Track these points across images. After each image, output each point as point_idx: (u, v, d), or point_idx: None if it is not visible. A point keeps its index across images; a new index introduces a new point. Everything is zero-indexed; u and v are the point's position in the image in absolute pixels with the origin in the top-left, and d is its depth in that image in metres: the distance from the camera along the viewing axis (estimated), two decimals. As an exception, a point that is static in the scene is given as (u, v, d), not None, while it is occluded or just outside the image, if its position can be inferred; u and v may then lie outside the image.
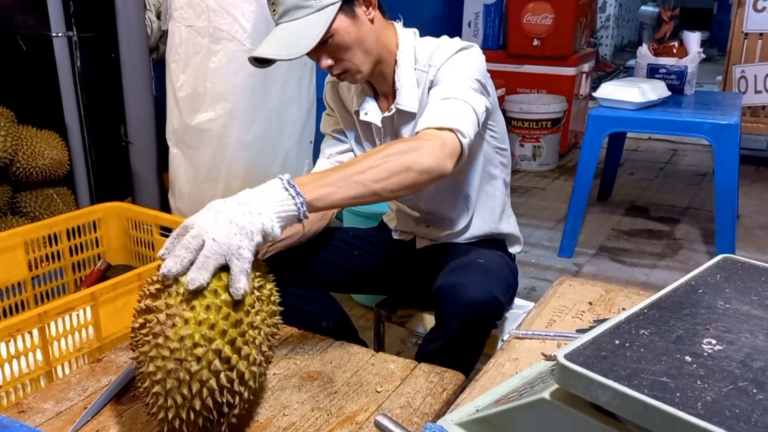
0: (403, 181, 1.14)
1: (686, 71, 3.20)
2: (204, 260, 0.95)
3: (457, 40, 1.51)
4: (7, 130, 2.22)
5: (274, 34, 1.37)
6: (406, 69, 1.48)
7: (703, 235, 3.36)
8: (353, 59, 1.42)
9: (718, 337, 0.68)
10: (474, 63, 1.43)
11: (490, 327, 1.43)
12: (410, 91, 1.48)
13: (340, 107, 1.66)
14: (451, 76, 1.40)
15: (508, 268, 1.55)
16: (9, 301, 1.81)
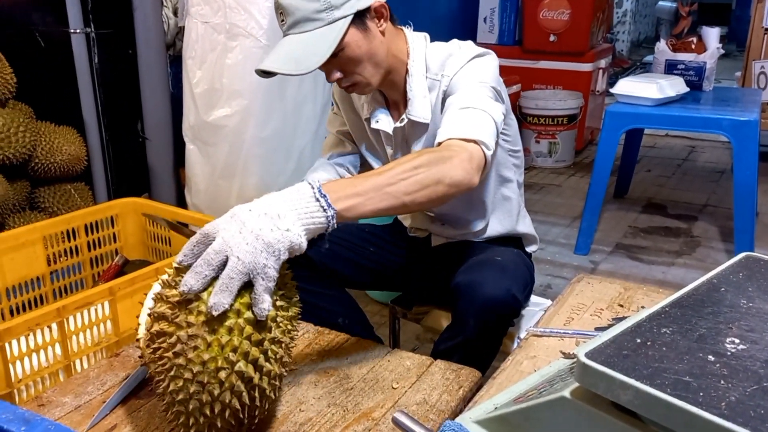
0: (433, 194, 1.10)
1: (705, 67, 3.17)
2: (228, 281, 0.89)
3: (470, 45, 1.48)
4: (26, 126, 2.24)
5: (282, 46, 1.34)
6: (418, 78, 1.46)
7: (722, 232, 3.32)
8: (363, 72, 1.39)
9: (742, 336, 0.68)
10: (488, 70, 1.41)
11: (508, 325, 1.42)
12: (422, 101, 1.46)
13: (349, 110, 1.64)
14: (468, 84, 1.37)
15: (525, 265, 1.54)
16: (28, 295, 1.84)
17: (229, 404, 0.94)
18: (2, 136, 2.16)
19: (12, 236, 1.79)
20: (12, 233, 1.80)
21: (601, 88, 4.85)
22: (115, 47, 2.51)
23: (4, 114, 2.20)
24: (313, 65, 1.31)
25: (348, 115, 1.65)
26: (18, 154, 2.21)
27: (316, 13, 1.31)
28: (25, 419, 0.77)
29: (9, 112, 2.23)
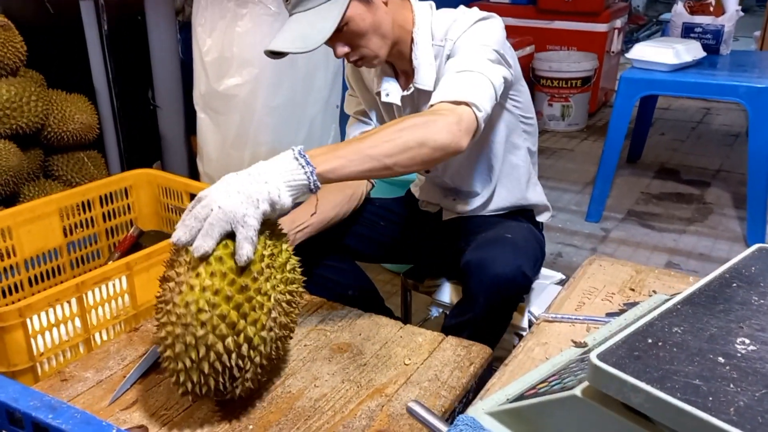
0: (416, 156, 1.12)
1: (722, 30, 3.10)
2: (209, 227, 0.98)
3: (475, 10, 1.46)
4: (38, 94, 2.24)
5: (289, 26, 1.34)
6: (423, 46, 1.45)
7: (734, 199, 3.30)
8: (369, 45, 1.38)
9: (752, 336, 0.68)
10: (492, 33, 1.38)
11: (517, 302, 1.44)
12: (428, 68, 1.45)
13: (361, 87, 1.64)
14: (468, 47, 1.36)
15: (535, 240, 1.55)
16: (46, 266, 1.87)
17: (213, 347, 0.99)
18: (15, 105, 2.17)
19: (28, 209, 1.81)
20: (28, 206, 1.82)
21: (617, 49, 4.76)
22: (124, 13, 2.49)
23: (15, 83, 2.20)
24: (318, 41, 1.30)
25: (362, 94, 1.65)
26: (31, 123, 2.22)
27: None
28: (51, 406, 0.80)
29: (20, 80, 2.23)
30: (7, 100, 2.15)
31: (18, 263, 1.79)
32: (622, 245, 2.88)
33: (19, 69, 2.27)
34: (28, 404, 0.79)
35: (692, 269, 2.67)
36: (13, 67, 2.22)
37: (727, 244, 2.86)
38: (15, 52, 2.20)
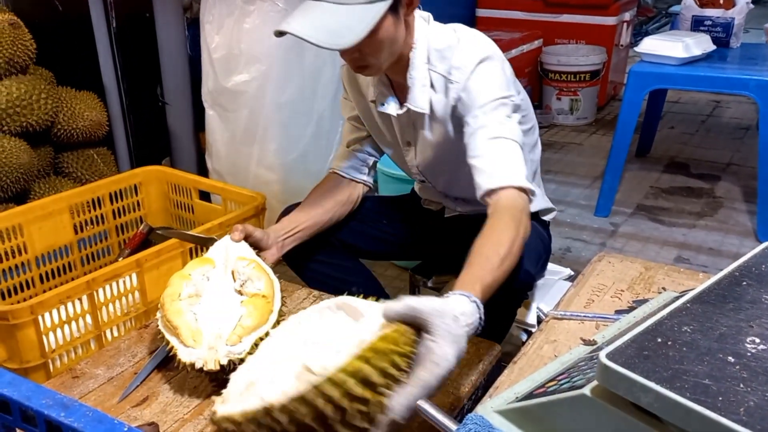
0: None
1: (733, 23, 3.08)
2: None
3: (468, 35, 1.42)
4: (47, 92, 2.26)
5: (313, 12, 1.26)
6: (419, 67, 1.41)
7: (745, 193, 3.28)
8: (380, 57, 1.35)
9: (762, 335, 0.68)
10: (497, 78, 1.37)
11: (521, 299, 1.44)
12: (421, 90, 1.42)
13: (355, 91, 1.61)
14: (484, 103, 1.34)
15: (538, 237, 1.54)
16: (57, 263, 1.88)
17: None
18: (25, 103, 2.18)
19: (39, 206, 1.83)
20: (39, 203, 1.84)
21: (625, 42, 4.73)
22: (133, 11, 2.50)
23: (25, 81, 2.22)
24: (347, 43, 1.25)
25: (355, 98, 1.62)
26: (41, 121, 2.23)
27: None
28: (63, 404, 0.81)
29: (30, 78, 2.25)
30: (17, 98, 2.16)
31: (29, 260, 1.80)
32: (632, 240, 2.87)
33: (28, 67, 2.29)
34: (40, 402, 0.80)
35: (702, 264, 2.66)
36: (23, 65, 2.24)
37: (738, 239, 2.84)
38: (24, 50, 2.21)
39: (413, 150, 1.56)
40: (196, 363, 1.11)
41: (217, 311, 1.21)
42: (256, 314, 1.18)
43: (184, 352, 1.13)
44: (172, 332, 1.17)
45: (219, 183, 2.02)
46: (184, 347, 1.14)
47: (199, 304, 1.23)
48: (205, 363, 1.11)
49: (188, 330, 1.15)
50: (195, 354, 1.12)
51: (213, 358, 1.11)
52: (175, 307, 1.19)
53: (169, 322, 1.17)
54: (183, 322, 1.17)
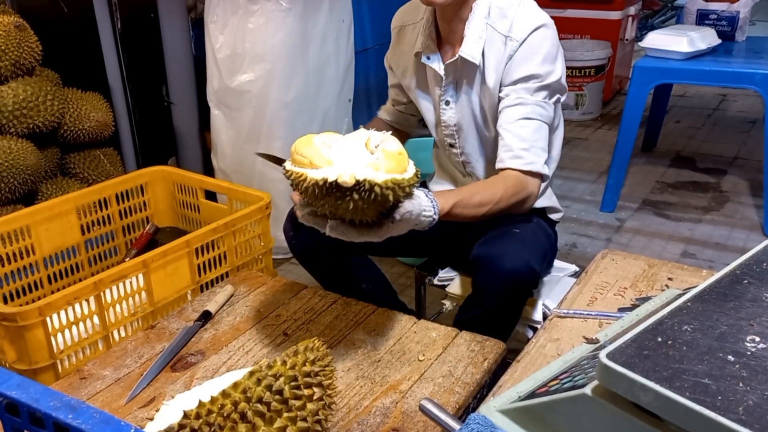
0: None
1: (738, 17, 3.06)
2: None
3: (533, 2, 1.49)
4: (53, 93, 2.27)
5: None
6: (479, 19, 1.46)
7: (751, 187, 3.26)
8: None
9: (762, 333, 0.69)
10: (552, 46, 1.45)
11: (527, 296, 1.44)
12: (477, 41, 1.47)
13: (399, 52, 1.66)
14: (529, 76, 1.43)
15: (544, 235, 1.55)
16: (64, 264, 1.90)
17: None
18: (31, 105, 2.20)
19: (47, 207, 1.84)
20: (46, 205, 1.85)
21: (631, 36, 4.71)
22: (138, 12, 2.51)
23: (32, 82, 2.23)
24: None
25: (398, 60, 1.67)
26: (47, 122, 2.25)
27: None
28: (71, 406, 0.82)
29: (36, 80, 2.26)
30: (23, 100, 2.18)
31: (37, 261, 1.82)
32: (637, 235, 2.86)
33: (35, 68, 2.30)
34: (48, 404, 0.81)
35: (708, 259, 2.65)
36: (29, 67, 2.25)
37: (744, 233, 2.83)
38: (30, 52, 2.23)
39: (452, 109, 1.59)
40: (328, 177, 1.01)
41: (347, 154, 1.12)
42: (392, 161, 1.09)
43: (314, 172, 1.04)
44: (301, 164, 1.08)
45: (225, 183, 2.03)
46: (314, 170, 1.05)
47: (331, 150, 1.13)
48: (339, 176, 1.01)
49: (320, 156, 1.07)
50: (327, 171, 1.03)
51: (349, 173, 1.02)
52: (306, 143, 1.12)
53: (300, 155, 1.09)
54: (315, 151, 1.09)
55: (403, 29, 1.65)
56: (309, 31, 2.40)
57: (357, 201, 1.03)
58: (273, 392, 0.89)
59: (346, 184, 1.01)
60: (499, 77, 1.47)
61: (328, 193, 1.03)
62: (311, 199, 1.09)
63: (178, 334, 1.37)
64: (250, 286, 1.58)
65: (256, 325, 1.41)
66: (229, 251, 1.74)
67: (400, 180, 1.06)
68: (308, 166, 1.07)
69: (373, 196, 1.03)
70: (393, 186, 1.04)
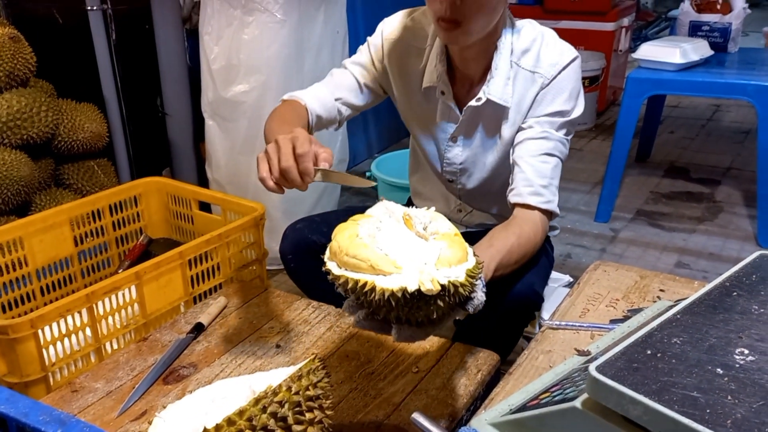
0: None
1: (730, 28, 3.08)
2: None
3: (555, 36, 1.43)
4: (48, 104, 2.27)
5: None
6: (505, 57, 1.40)
7: (745, 197, 3.28)
8: (476, 22, 1.29)
9: (751, 346, 0.69)
10: (579, 82, 1.42)
11: (530, 318, 1.44)
12: (506, 83, 1.40)
13: (400, 75, 1.53)
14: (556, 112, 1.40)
15: (545, 255, 1.54)
16: (57, 275, 1.89)
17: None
18: (26, 116, 2.20)
19: (40, 219, 1.84)
20: (40, 216, 1.85)
21: (624, 47, 4.74)
22: (133, 23, 2.52)
23: (26, 94, 2.23)
24: None
25: (398, 82, 1.55)
26: (41, 133, 2.25)
27: None
28: (61, 421, 0.81)
29: (31, 91, 2.26)
30: (17, 111, 2.18)
31: (30, 273, 1.81)
32: (632, 245, 2.87)
33: (29, 79, 2.30)
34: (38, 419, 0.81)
35: (702, 269, 2.65)
36: (24, 78, 2.25)
37: (738, 244, 2.84)
38: (25, 63, 2.23)
39: (460, 147, 1.53)
40: (408, 286, 0.91)
41: (405, 247, 1.01)
42: (456, 248, 0.99)
43: (387, 280, 0.93)
44: (358, 269, 0.96)
45: (219, 194, 2.03)
46: (383, 277, 0.94)
47: (380, 243, 1.02)
48: (421, 284, 0.91)
49: (383, 259, 0.95)
50: (402, 279, 0.92)
51: (429, 278, 0.92)
52: (357, 243, 0.99)
53: (354, 258, 0.97)
54: (373, 253, 0.96)
55: (407, 47, 1.52)
56: (304, 42, 2.41)
57: (442, 307, 0.93)
58: (278, 419, 0.88)
59: (432, 293, 0.90)
60: (524, 112, 1.42)
61: (405, 302, 0.92)
62: (379, 309, 0.96)
63: (171, 347, 1.36)
64: (244, 297, 1.58)
65: (249, 337, 1.41)
66: (223, 262, 1.73)
67: (474, 269, 0.96)
68: (369, 270, 0.95)
69: (458, 299, 0.94)
70: (471, 280, 0.95)
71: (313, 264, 1.59)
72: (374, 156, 3.76)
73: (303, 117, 1.44)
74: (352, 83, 1.55)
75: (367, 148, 3.86)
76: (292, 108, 1.46)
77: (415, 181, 1.77)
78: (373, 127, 3.85)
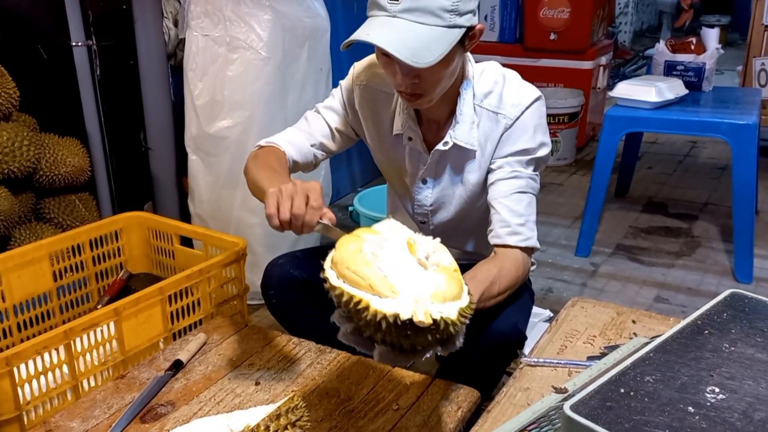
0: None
1: (704, 68, 3.17)
2: None
3: (517, 76, 1.47)
4: (30, 139, 2.27)
5: (394, 27, 1.23)
6: (469, 103, 1.44)
7: (722, 232, 3.33)
8: (437, 88, 1.34)
9: (722, 384, 0.70)
10: (543, 119, 1.46)
11: (513, 357, 1.44)
12: (471, 127, 1.44)
13: (370, 119, 1.56)
14: (523, 150, 1.43)
15: (527, 292, 1.56)
16: (35, 311, 1.87)
17: None
18: (7, 150, 2.19)
19: (19, 254, 1.83)
20: (19, 251, 1.83)
21: (602, 85, 4.84)
22: (117, 59, 2.53)
23: (8, 128, 2.23)
24: (426, 63, 1.23)
25: (369, 125, 1.58)
26: (23, 168, 2.24)
27: (441, 10, 1.24)
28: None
29: (13, 126, 2.26)
30: (-1, 146, 2.17)
31: (7, 309, 1.79)
32: (612, 280, 2.90)
33: (12, 114, 2.30)
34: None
35: (681, 304, 2.68)
36: (6, 113, 2.25)
37: (716, 278, 2.88)
38: (8, 98, 2.23)
39: (429, 189, 1.57)
40: (401, 314, 0.93)
41: (405, 273, 1.03)
42: (453, 284, 1.01)
43: (382, 303, 0.95)
44: (356, 285, 0.98)
45: (200, 229, 2.03)
46: (378, 298, 0.95)
47: (382, 263, 1.04)
48: (414, 314, 0.93)
49: (382, 281, 0.97)
50: (397, 305, 0.94)
51: (423, 310, 0.93)
52: (359, 259, 1.01)
53: (355, 273, 0.99)
54: (374, 273, 0.99)
55: (376, 93, 1.55)
56: (288, 79, 2.44)
57: (430, 340, 0.95)
58: None
59: (423, 324, 0.92)
60: (490, 152, 1.46)
61: (396, 328, 0.94)
62: (367, 328, 0.98)
63: (149, 384, 1.35)
64: (224, 333, 1.57)
65: (228, 375, 1.40)
66: (203, 298, 1.73)
67: (465, 309, 0.98)
68: (366, 289, 0.96)
69: (447, 335, 0.96)
70: (462, 321, 0.97)
71: (295, 300, 1.60)
72: (357, 190, 3.79)
73: (284, 163, 1.49)
74: (325, 129, 1.60)
75: (350, 182, 3.88)
76: (274, 154, 1.50)
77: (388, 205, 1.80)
78: (356, 162, 3.88)
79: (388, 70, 1.34)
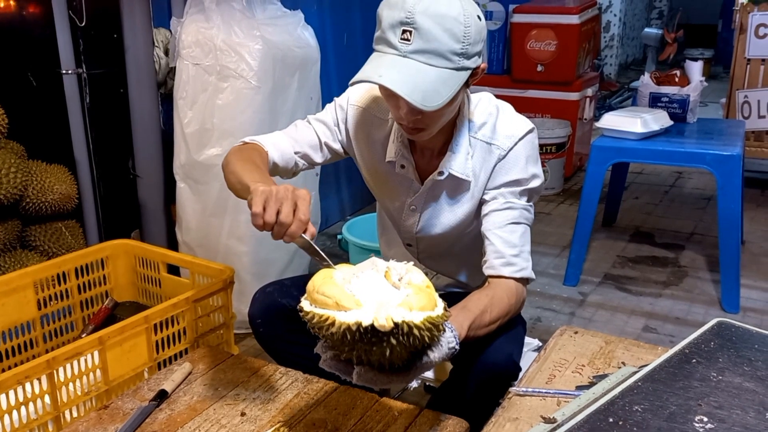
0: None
1: (688, 100, 3.22)
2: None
3: (510, 108, 1.50)
4: (17, 165, 2.26)
5: (402, 66, 1.23)
6: (464, 134, 1.45)
7: (709, 262, 3.36)
8: (437, 124, 1.37)
9: (710, 413, 0.70)
10: (536, 150, 1.47)
11: (507, 387, 1.43)
12: (465, 157, 1.45)
13: (364, 143, 1.57)
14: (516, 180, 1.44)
15: (519, 323, 1.55)
16: (18, 340, 1.85)
17: None
18: (-7, 177, 2.18)
19: (3, 282, 1.81)
20: (3, 279, 1.81)
21: (589, 116, 4.91)
22: (107, 87, 2.54)
23: (-5, 155, 2.22)
24: (435, 105, 1.25)
25: (362, 149, 1.59)
26: (9, 195, 2.22)
27: (451, 53, 1.25)
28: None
29: (0, 153, 2.25)
30: (-15, 173, 2.16)
31: (-11, 337, 1.77)
32: (600, 309, 2.90)
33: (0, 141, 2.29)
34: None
35: (669, 333, 2.69)
36: (-6, 140, 2.25)
37: (703, 308, 2.89)
38: (-4, 125, 2.23)
39: (417, 215, 1.57)
40: (362, 321, 0.95)
41: (375, 292, 1.05)
42: (422, 296, 1.03)
43: (345, 315, 0.97)
44: (325, 305, 1.01)
45: (187, 256, 2.02)
46: (344, 312, 0.98)
47: (353, 286, 1.07)
48: (375, 319, 0.94)
49: (347, 297, 1.00)
50: (359, 313, 0.96)
51: (384, 315, 0.95)
52: (328, 282, 1.05)
53: (323, 295, 1.02)
54: (341, 291, 1.02)
55: (370, 117, 1.56)
56: (278, 108, 2.46)
57: (395, 346, 0.96)
58: None
59: (384, 329, 0.94)
60: (483, 182, 1.47)
61: (361, 338, 0.96)
62: (338, 345, 1.01)
63: (132, 415, 1.33)
64: (209, 363, 1.55)
65: (213, 405, 1.38)
66: (189, 327, 1.71)
67: (435, 318, 1.00)
68: (333, 307, 0.99)
69: (411, 339, 0.97)
70: (430, 326, 0.99)
71: (282, 329, 1.59)
72: (346, 218, 3.79)
73: (265, 162, 1.47)
74: (314, 140, 1.58)
75: (339, 210, 3.88)
76: (257, 151, 1.48)
77: (383, 242, 1.80)
78: (345, 190, 3.88)
79: (391, 102, 1.35)
